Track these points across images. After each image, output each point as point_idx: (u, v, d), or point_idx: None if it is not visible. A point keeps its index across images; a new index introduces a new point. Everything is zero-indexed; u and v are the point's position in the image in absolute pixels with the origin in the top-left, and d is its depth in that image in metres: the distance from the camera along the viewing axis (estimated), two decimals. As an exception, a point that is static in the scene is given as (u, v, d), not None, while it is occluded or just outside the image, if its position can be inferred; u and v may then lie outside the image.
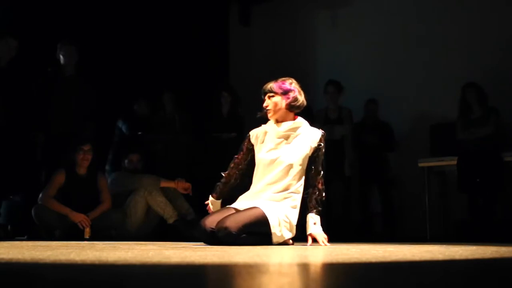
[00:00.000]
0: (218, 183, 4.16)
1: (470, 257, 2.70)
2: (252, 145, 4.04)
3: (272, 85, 3.97)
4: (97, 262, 2.14)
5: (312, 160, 3.91)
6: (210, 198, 4.18)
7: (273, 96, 3.94)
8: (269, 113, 3.96)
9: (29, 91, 5.80)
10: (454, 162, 6.03)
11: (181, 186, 5.85)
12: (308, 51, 8.17)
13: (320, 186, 3.89)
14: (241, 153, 4.09)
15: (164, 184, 5.86)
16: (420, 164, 6.35)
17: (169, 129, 6.76)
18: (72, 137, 5.69)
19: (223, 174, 4.14)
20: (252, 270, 1.89)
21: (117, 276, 1.73)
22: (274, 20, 8.44)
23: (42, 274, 1.77)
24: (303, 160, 3.89)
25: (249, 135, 4.08)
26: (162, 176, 5.94)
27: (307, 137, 3.93)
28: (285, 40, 8.33)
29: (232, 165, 4.12)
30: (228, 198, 4.19)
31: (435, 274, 1.93)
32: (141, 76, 7.27)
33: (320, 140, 3.92)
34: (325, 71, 7.69)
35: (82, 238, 5.29)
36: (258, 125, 4.10)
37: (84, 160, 5.61)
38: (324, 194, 3.90)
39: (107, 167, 6.47)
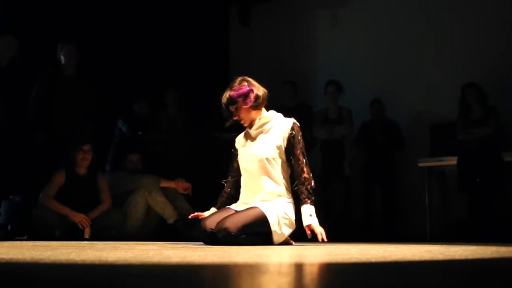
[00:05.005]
0: (221, 195, 4.08)
1: (470, 257, 2.70)
2: (237, 150, 4.06)
3: (229, 95, 3.86)
4: (97, 262, 2.14)
5: (289, 150, 3.85)
6: (212, 210, 4.05)
7: (237, 107, 3.86)
8: (243, 123, 3.95)
9: (30, 91, 5.80)
10: (454, 162, 6.03)
11: (181, 186, 5.85)
12: (308, 51, 8.16)
13: (305, 175, 3.81)
14: (232, 160, 4.09)
15: (164, 184, 5.86)
16: (420, 164, 6.35)
17: (170, 129, 6.76)
18: (72, 137, 5.69)
19: (224, 182, 4.11)
20: (252, 270, 1.89)
21: (117, 276, 1.73)
22: (274, 20, 8.43)
23: (42, 274, 1.77)
24: (279, 152, 3.85)
25: (235, 141, 4.10)
26: (162, 176, 5.94)
27: (279, 128, 3.88)
28: (285, 40, 8.33)
29: (230, 173, 4.10)
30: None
31: (435, 274, 1.93)
32: (141, 76, 7.27)
33: (292, 129, 3.84)
34: (325, 71, 7.69)
35: (82, 238, 5.29)
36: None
37: (84, 160, 5.61)
38: (312, 182, 3.82)
39: (107, 167, 6.47)
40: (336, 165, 6.78)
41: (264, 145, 3.87)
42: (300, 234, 3.91)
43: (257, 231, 3.72)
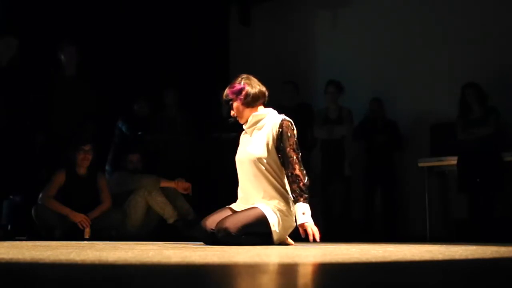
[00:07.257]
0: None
1: (470, 257, 2.70)
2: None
3: (226, 92, 3.93)
4: (97, 262, 2.14)
5: (279, 147, 3.78)
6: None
7: (231, 104, 3.90)
8: (239, 119, 3.95)
9: (30, 91, 5.80)
10: (454, 162, 6.03)
11: (181, 186, 5.85)
12: (308, 51, 8.16)
13: (297, 172, 3.72)
14: None
15: (164, 184, 5.86)
16: (420, 164, 6.34)
17: (170, 129, 6.76)
18: (72, 137, 5.69)
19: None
20: (252, 270, 1.89)
21: (117, 276, 1.73)
22: (274, 20, 8.43)
23: (42, 274, 1.77)
24: (269, 150, 3.79)
25: (239, 139, 4.09)
26: (162, 176, 5.94)
27: (270, 126, 3.84)
28: (285, 40, 8.32)
29: None
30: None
31: (435, 274, 1.93)
32: (141, 76, 7.27)
33: (280, 126, 3.78)
34: (325, 71, 7.69)
35: (82, 238, 5.29)
36: None
37: (84, 160, 5.61)
38: (306, 179, 3.72)
39: (107, 167, 6.47)
40: (336, 165, 6.78)
41: (256, 145, 3.84)
42: (299, 234, 3.90)
43: (257, 231, 3.71)
